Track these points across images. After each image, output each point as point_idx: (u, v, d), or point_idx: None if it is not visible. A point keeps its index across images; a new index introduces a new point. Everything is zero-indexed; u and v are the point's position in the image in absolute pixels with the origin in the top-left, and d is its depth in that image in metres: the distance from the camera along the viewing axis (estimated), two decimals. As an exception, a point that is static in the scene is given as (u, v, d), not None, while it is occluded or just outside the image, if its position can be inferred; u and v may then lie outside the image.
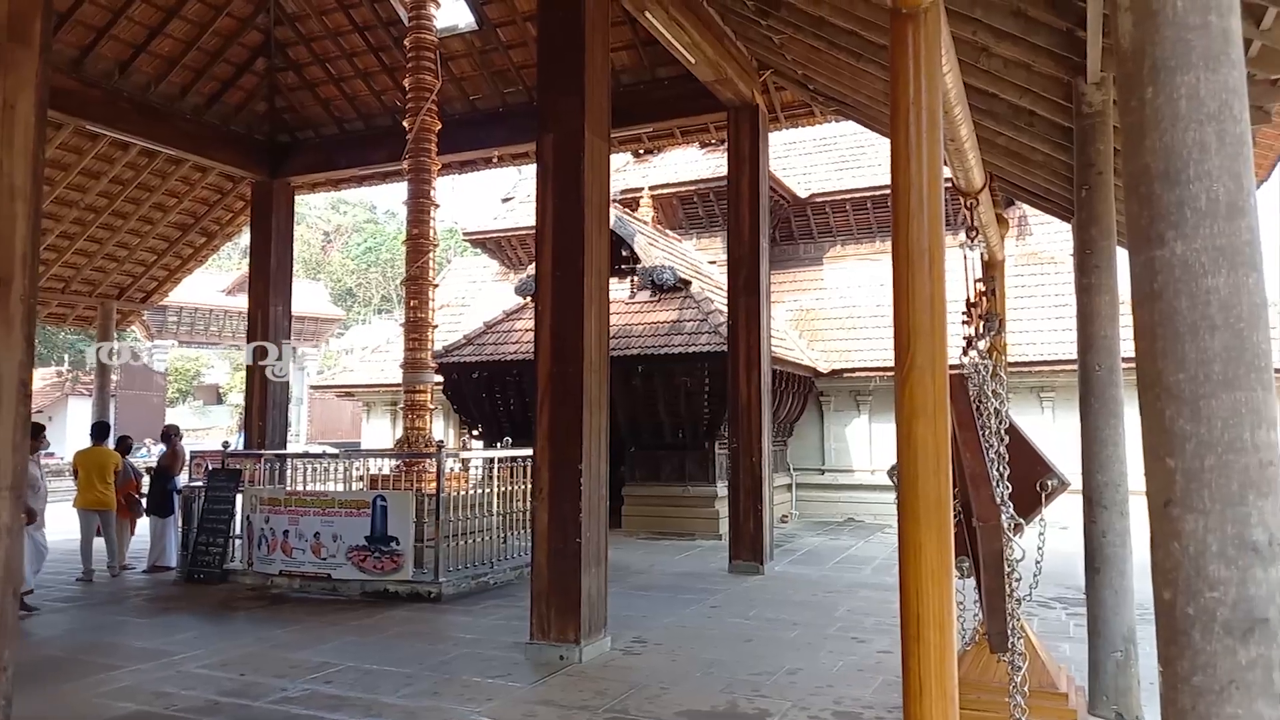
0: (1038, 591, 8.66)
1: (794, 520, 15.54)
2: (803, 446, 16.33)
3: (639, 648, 6.81)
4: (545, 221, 6.81)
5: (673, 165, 18.37)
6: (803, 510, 16.05)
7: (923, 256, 2.27)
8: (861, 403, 15.91)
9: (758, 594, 9.11)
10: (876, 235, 17.47)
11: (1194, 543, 1.63)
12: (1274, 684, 1.57)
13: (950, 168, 3.96)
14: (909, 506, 2.23)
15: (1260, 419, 1.63)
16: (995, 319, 3.79)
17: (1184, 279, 1.67)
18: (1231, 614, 1.59)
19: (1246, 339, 1.64)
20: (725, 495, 11.63)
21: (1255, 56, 4.69)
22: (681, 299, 13.65)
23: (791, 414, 15.77)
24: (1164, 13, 1.69)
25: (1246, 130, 1.70)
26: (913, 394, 2.27)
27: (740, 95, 10.39)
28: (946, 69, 2.62)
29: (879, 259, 16.88)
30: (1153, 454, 1.72)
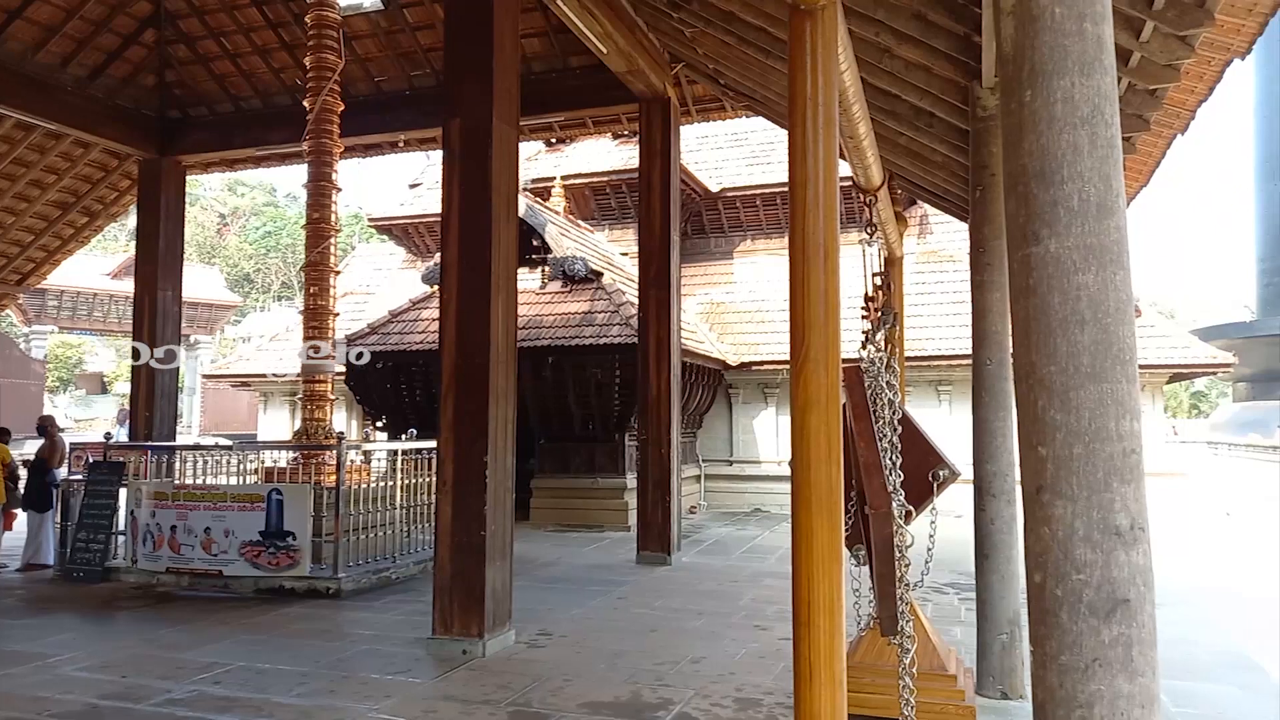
0: (932, 577, 9.06)
1: (702, 511, 15.73)
2: (712, 438, 16.53)
3: (544, 640, 6.78)
4: (451, 209, 6.68)
5: (585, 155, 18.29)
6: (711, 501, 16.26)
7: (818, 251, 2.31)
8: (769, 395, 16.20)
9: (665, 584, 9.18)
10: (786, 231, 17.78)
11: (1063, 527, 1.71)
12: (1133, 660, 1.65)
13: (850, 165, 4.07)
14: (802, 495, 2.27)
15: (1124, 409, 1.71)
16: (891, 314, 3.91)
17: (1057, 275, 1.74)
18: (1096, 595, 1.67)
19: (1113, 333, 1.72)
20: (635, 487, 11.67)
21: (1135, 67, 4.94)
22: (593, 290, 13.61)
23: (701, 406, 15.95)
24: (1043, 19, 1.76)
25: (1117, 134, 1.78)
26: (807, 385, 2.31)
27: (652, 87, 10.40)
28: (844, 67, 2.68)
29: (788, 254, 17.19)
30: (1026, 443, 1.79)
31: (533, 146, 18.69)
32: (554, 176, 16.95)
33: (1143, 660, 1.64)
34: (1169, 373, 18.48)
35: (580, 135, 14.34)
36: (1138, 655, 1.64)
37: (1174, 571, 10.18)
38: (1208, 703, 5.51)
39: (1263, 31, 4.32)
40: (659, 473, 10.39)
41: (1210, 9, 4.10)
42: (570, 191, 17.16)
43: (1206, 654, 6.63)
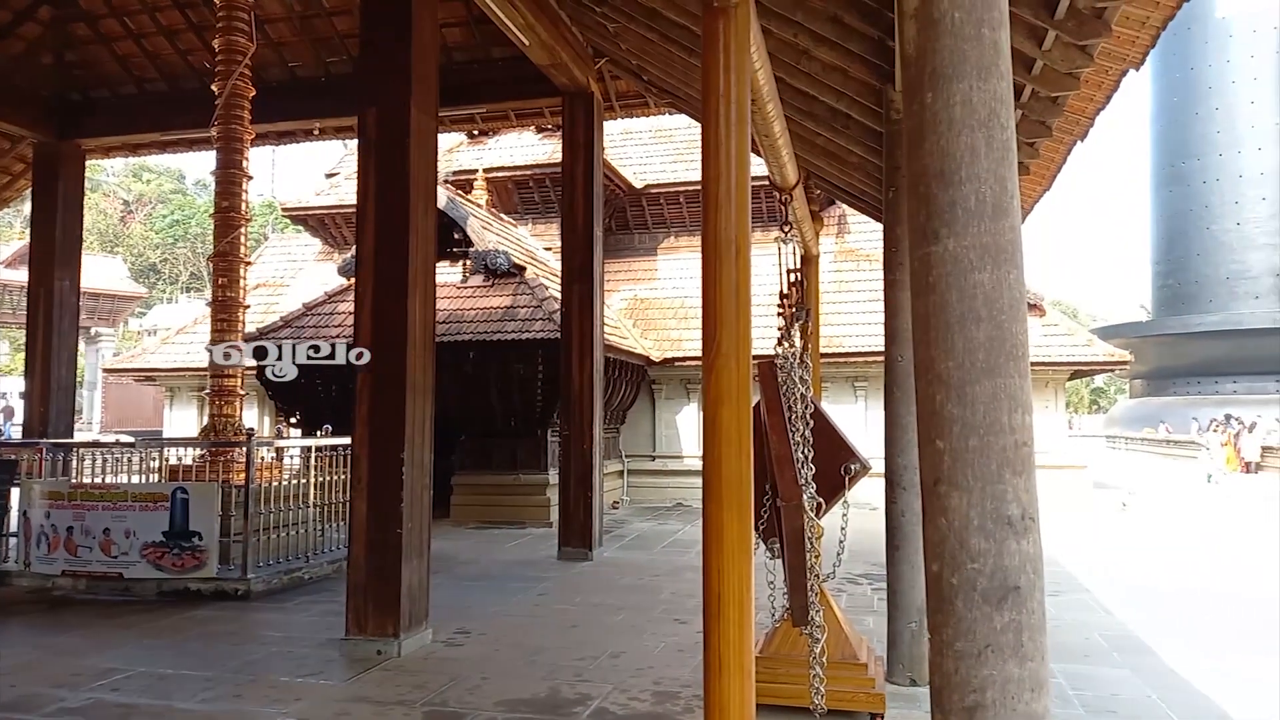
0: (847, 569, 9.28)
1: (625, 506, 15.77)
2: (635, 433, 16.59)
3: (462, 639, 6.69)
4: (367, 200, 6.52)
5: (508, 148, 18.11)
6: (634, 496, 16.31)
7: (730, 247, 2.33)
8: (692, 391, 16.33)
9: (586, 580, 9.17)
10: (707, 228, 17.96)
11: (958, 518, 1.76)
12: (1023, 646, 1.72)
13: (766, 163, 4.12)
14: (712, 488, 2.29)
15: (1016, 404, 1.77)
16: (805, 310, 3.97)
17: (954, 274, 1.79)
18: (989, 583, 1.73)
19: (1007, 330, 1.78)
20: (557, 483, 11.62)
21: (1038, 75, 5.13)
22: (516, 285, 13.49)
23: (624, 401, 15.98)
24: (944, 22, 1.80)
25: (1012, 137, 1.84)
26: (718, 380, 2.33)
27: (575, 81, 10.35)
28: (758, 65, 2.71)
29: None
30: (925, 436, 1.84)
31: (454, 138, 18.41)
32: (476, 169, 16.73)
33: (1032, 645, 1.70)
34: (1070, 370, 19.32)
35: (503, 128, 14.19)
36: (1028, 640, 1.70)
37: (1074, 559, 10.66)
38: (1103, 685, 5.77)
39: (1154, 44, 4.54)
40: (581, 468, 10.37)
41: (1108, 20, 4.28)
42: (493, 185, 16.97)
43: (1103, 638, 6.95)
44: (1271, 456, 27.02)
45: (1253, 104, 43.43)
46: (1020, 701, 1.68)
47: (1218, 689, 5.68)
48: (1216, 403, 39.00)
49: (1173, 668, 6.18)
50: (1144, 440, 39.66)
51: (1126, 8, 4.12)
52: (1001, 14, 1.83)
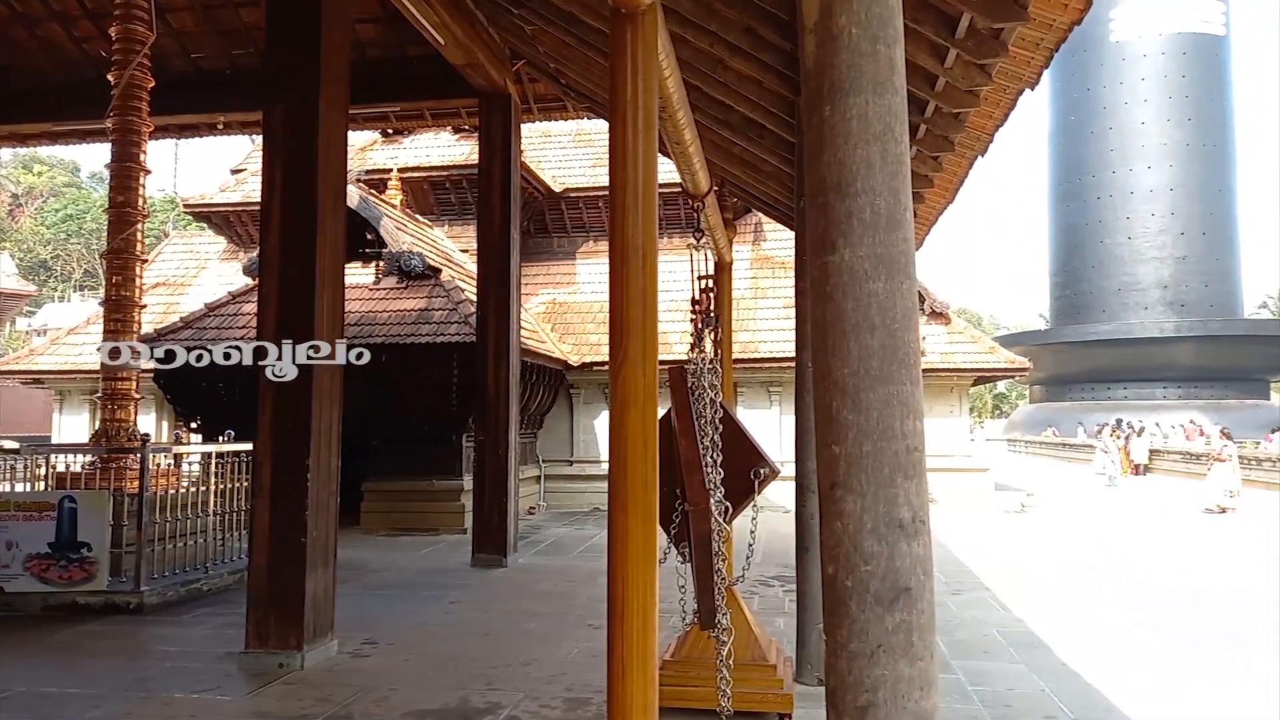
0: (760, 571, 9.43)
1: (541, 511, 15.67)
2: (552, 438, 16.50)
3: (369, 650, 6.53)
4: (273, 199, 6.31)
5: (424, 148, 17.82)
6: (551, 501, 16.22)
7: (637, 253, 2.34)
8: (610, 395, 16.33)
9: (500, 587, 9.07)
10: (626, 233, 18.01)
11: (853, 521, 1.80)
12: (913, 645, 1.77)
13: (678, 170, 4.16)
14: (618, 494, 2.29)
15: (908, 410, 1.82)
16: (715, 317, 4.02)
17: (850, 283, 1.83)
18: (881, 585, 1.77)
19: (900, 338, 1.83)
20: (471, 489, 11.46)
21: (940, 91, 5.32)
22: (430, 287, 13.26)
23: (542, 406, 15.88)
24: (841, 38, 1.85)
25: (905, 151, 1.90)
26: (625, 385, 2.33)
27: (492, 82, 10.25)
28: (668, 73, 2.73)
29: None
30: (823, 441, 1.87)
31: (367, 136, 18.01)
32: (390, 168, 16.41)
33: (922, 645, 1.75)
34: (974, 376, 20.08)
35: (418, 127, 13.95)
36: (917, 640, 1.75)
37: (975, 559, 11.06)
38: (999, 680, 6.00)
39: (1048, 65, 4.75)
40: (496, 474, 10.25)
41: (1005, 41, 4.47)
42: (408, 184, 16.66)
43: (1001, 635, 7.22)
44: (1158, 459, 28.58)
45: (1143, 124, 45.99)
46: (910, 700, 1.72)
47: (1109, 681, 5.97)
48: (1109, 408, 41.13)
49: (1065, 662, 6.46)
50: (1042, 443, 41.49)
51: (1022, 29, 4.30)
52: (896, 31, 1.88)
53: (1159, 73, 45.56)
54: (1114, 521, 15.57)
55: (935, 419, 19.58)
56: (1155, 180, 45.47)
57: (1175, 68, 45.46)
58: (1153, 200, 45.47)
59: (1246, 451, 22.47)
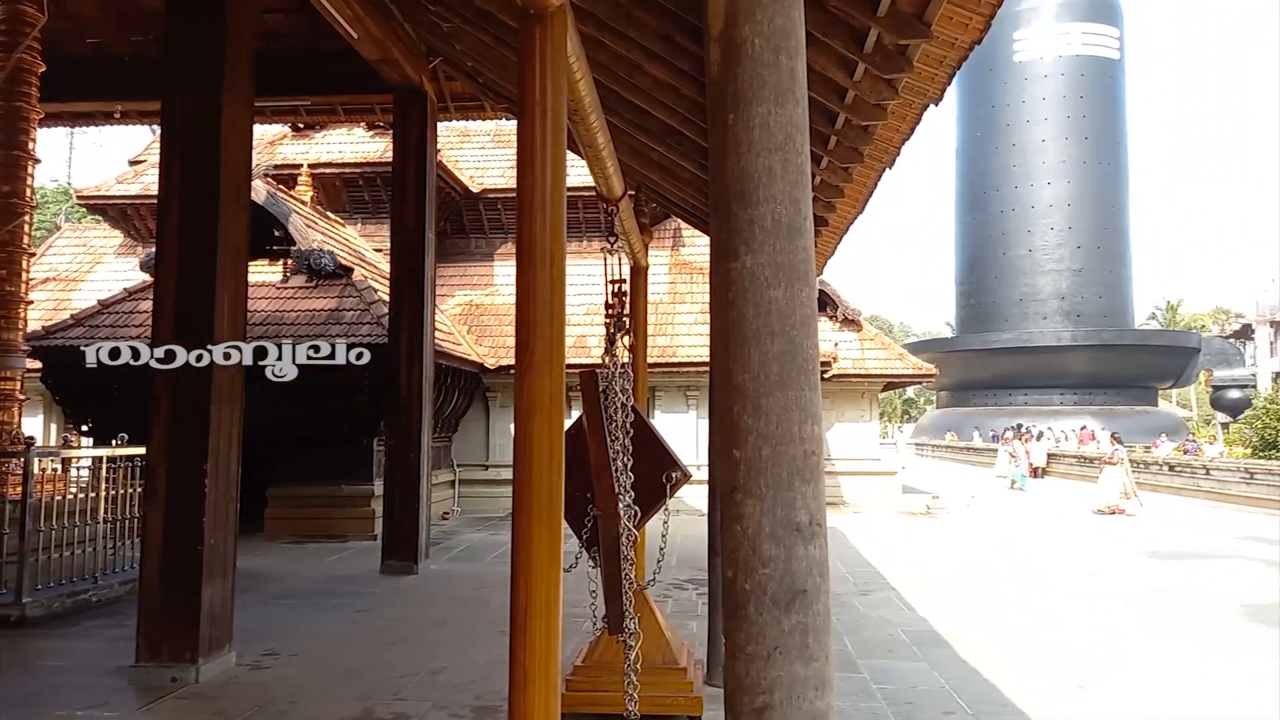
0: (675, 574, 9.48)
1: (456, 516, 15.43)
2: (468, 442, 16.27)
3: (270, 661, 6.30)
4: (171, 193, 6.05)
5: (338, 144, 17.37)
6: (466, 506, 15.98)
7: (544, 256, 2.32)
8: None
9: (410, 594, 8.89)
10: (545, 236, 17.92)
11: (752, 525, 1.82)
12: (809, 647, 1.79)
13: (591, 174, 4.15)
14: (522, 500, 2.26)
15: (807, 415, 1.85)
16: (626, 320, 4.02)
17: (752, 290, 1.85)
18: (779, 587, 1.79)
19: (799, 345, 1.86)
20: (382, 494, 11.20)
21: (850, 104, 5.45)
22: (342, 287, 12.92)
23: (457, 410, 15.64)
24: (744, 47, 1.87)
25: (806, 161, 1.93)
26: (531, 389, 2.31)
27: (408, 79, 10.07)
28: (579, 76, 2.72)
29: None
30: (724, 446, 1.89)
31: (278, 129, 17.47)
32: (301, 163, 15.94)
33: (817, 646, 1.78)
34: (884, 381, 20.67)
35: (330, 122, 13.60)
36: (813, 642, 1.78)
37: (883, 560, 11.37)
38: (902, 678, 6.17)
39: (951, 82, 4.91)
40: (408, 478, 10.05)
41: (910, 57, 4.60)
42: (319, 181, 16.21)
43: (905, 634, 7.44)
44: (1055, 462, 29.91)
45: (1043, 142, 48.15)
46: (805, 701, 1.75)
47: (1006, 677, 6.21)
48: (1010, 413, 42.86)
49: (965, 659, 6.69)
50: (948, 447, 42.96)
51: (926, 47, 4.44)
52: (798, 43, 1.91)
53: (1058, 93, 47.80)
54: (1014, 523, 16.22)
55: (847, 424, 20.08)
56: (1054, 195, 47.66)
57: (1073, 88, 47.76)
58: (1051, 214, 47.63)
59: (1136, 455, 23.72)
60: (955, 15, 4.04)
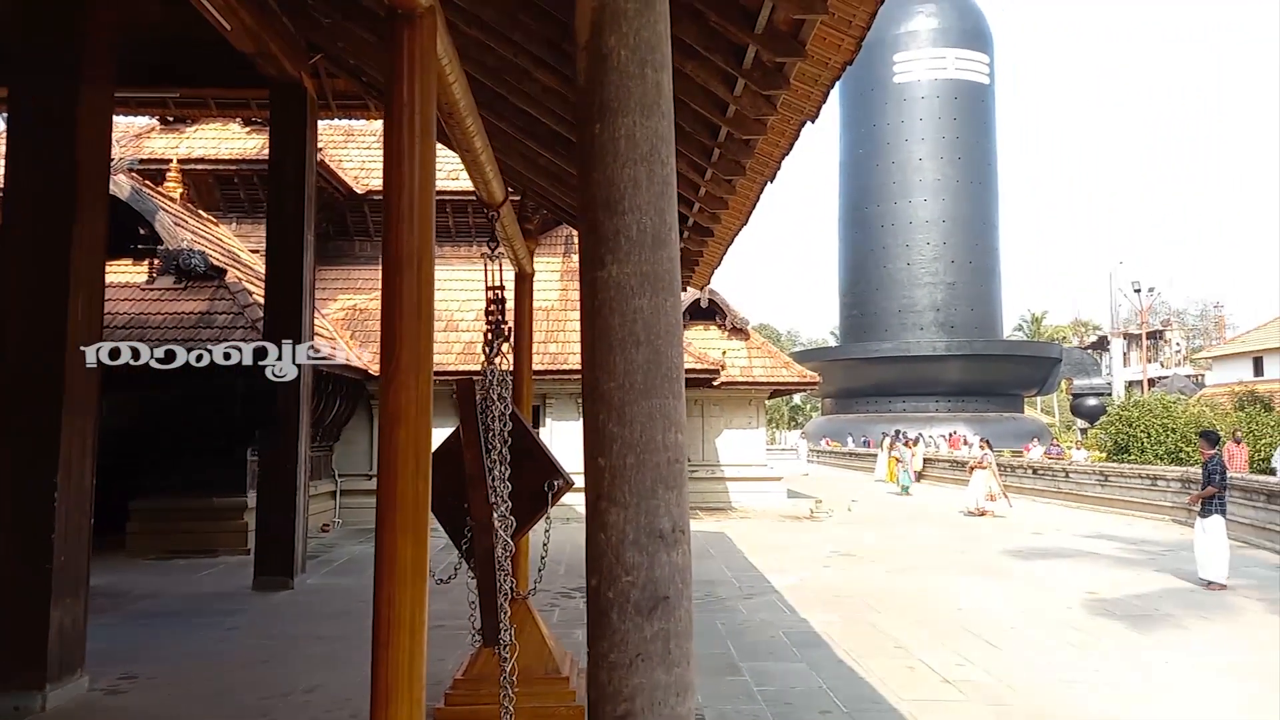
0: (563, 583, 9.43)
1: (337, 529, 14.91)
2: (351, 451, 15.76)
3: (127, 686, 5.93)
4: (18, 185, 5.65)
5: (212, 139, 16.58)
6: (348, 518, 15.46)
7: (412, 260, 2.27)
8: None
9: (285, 610, 8.54)
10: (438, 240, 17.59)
11: (615, 532, 1.82)
12: (671, 653, 1.81)
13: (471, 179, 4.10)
14: (386, 511, 2.20)
15: (670, 423, 1.87)
16: (504, 327, 3.99)
17: (617, 299, 1.86)
18: (641, 595, 1.80)
19: (663, 354, 1.88)
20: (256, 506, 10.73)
21: (731, 118, 5.57)
22: (214, 289, 12.31)
23: (340, 418, 15.14)
24: (610, 59, 1.88)
25: (672, 172, 1.96)
26: (396, 398, 2.25)
27: (286, 74, 9.70)
28: (453, 78, 2.68)
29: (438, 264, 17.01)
30: (590, 454, 1.89)
31: (146, 122, 16.55)
32: (170, 158, 15.13)
33: (679, 652, 1.80)
34: (770, 389, 21.19)
35: (203, 116, 12.97)
36: (675, 648, 1.80)
37: (768, 564, 11.63)
38: (782, 679, 6.32)
39: (826, 100, 5.09)
40: (283, 489, 9.65)
41: (787, 74, 4.75)
42: (191, 178, 15.44)
43: (786, 636, 7.62)
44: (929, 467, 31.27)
45: (920, 160, 50.48)
46: (666, 706, 1.77)
47: (879, 674, 6.44)
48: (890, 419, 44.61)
49: (841, 659, 6.90)
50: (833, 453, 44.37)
51: (802, 65, 4.59)
52: (664, 57, 1.94)
53: (934, 114, 50.26)
54: (890, 526, 16.87)
55: (735, 430, 20.48)
56: (930, 212, 50.03)
57: (948, 110, 50.31)
58: (928, 230, 49.98)
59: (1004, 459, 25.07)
60: (828, 36, 4.18)
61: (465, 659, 5.17)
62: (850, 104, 53.85)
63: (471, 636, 4.99)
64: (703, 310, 20.63)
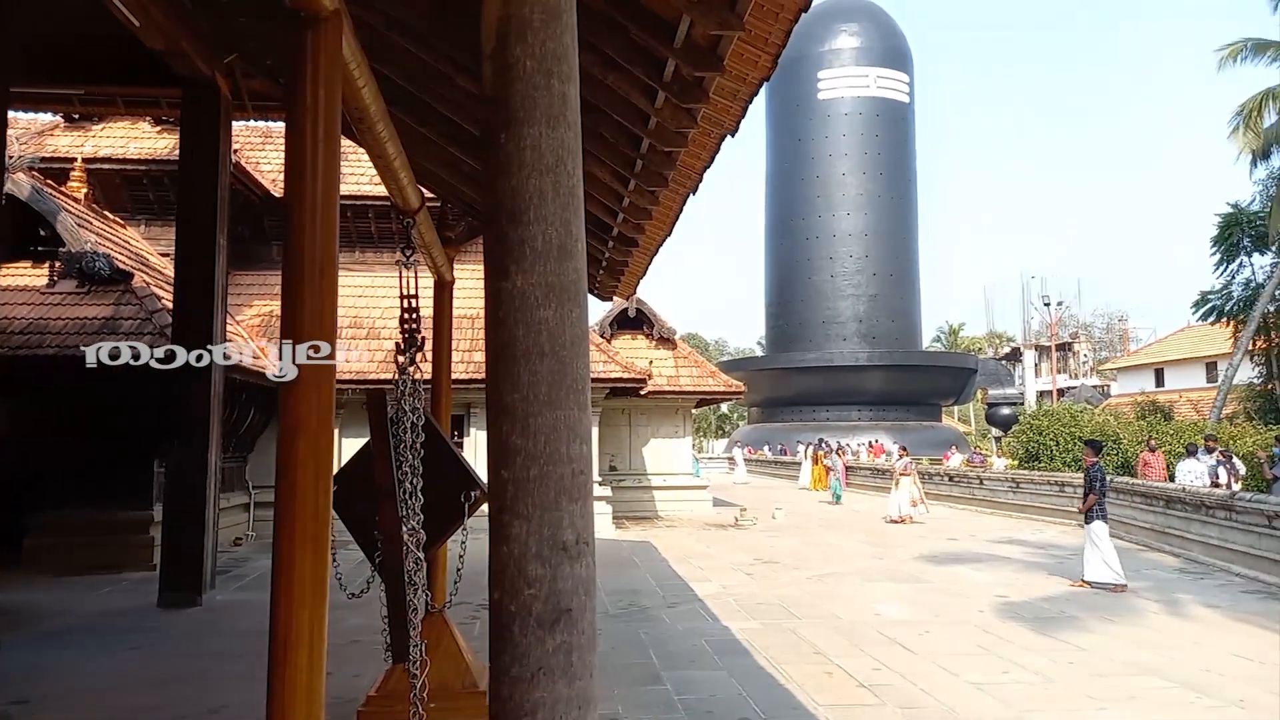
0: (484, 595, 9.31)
1: (250, 542, 14.43)
2: (266, 462, 15.26)
3: (18, 711, 5.62)
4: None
5: (120, 138, 15.93)
6: (263, 531, 14.95)
7: (314, 268, 2.22)
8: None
9: (191, 628, 8.22)
10: (355, 245, 17.23)
11: (518, 545, 1.81)
12: (573, 666, 1.80)
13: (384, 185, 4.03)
14: (285, 524, 2.14)
15: (575, 434, 1.87)
16: (417, 336, 3.92)
17: (522, 309, 1.85)
18: (544, 608, 1.79)
19: (569, 365, 1.88)
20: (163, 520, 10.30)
21: (653, 129, 5.62)
22: (119, 293, 11.81)
23: (254, 427, 14.68)
24: (515, 68, 1.88)
25: (578, 184, 1.96)
26: (296, 408, 2.19)
27: (199, 73, 9.39)
28: (362, 83, 2.63)
29: (354, 270, 16.66)
30: (493, 467, 1.87)
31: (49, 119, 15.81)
32: (75, 157, 14.49)
33: (581, 665, 1.79)
34: (697, 398, 21.36)
35: (111, 114, 12.46)
36: (577, 660, 1.79)
37: (691, 572, 11.70)
38: (703, 687, 6.35)
39: (745, 115, 5.18)
40: (192, 502, 9.30)
41: (706, 89, 4.82)
42: (97, 177, 14.80)
43: (708, 644, 7.67)
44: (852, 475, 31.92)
45: (844, 175, 51.69)
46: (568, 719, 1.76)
47: (798, 679, 6.52)
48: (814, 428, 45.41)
49: (762, 666, 6.98)
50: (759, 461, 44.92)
51: (721, 80, 4.66)
52: (571, 68, 1.94)
53: (857, 130, 51.55)
54: (813, 533, 17.15)
55: (661, 439, 20.57)
56: (853, 225, 51.24)
57: (870, 127, 51.66)
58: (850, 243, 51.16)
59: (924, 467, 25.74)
60: (746, 53, 4.26)
61: (380, 675, 5.05)
62: (776, 119, 54.86)
63: (384, 652, 4.89)
64: (630, 320, 20.70)
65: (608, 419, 18.94)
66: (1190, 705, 6.00)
